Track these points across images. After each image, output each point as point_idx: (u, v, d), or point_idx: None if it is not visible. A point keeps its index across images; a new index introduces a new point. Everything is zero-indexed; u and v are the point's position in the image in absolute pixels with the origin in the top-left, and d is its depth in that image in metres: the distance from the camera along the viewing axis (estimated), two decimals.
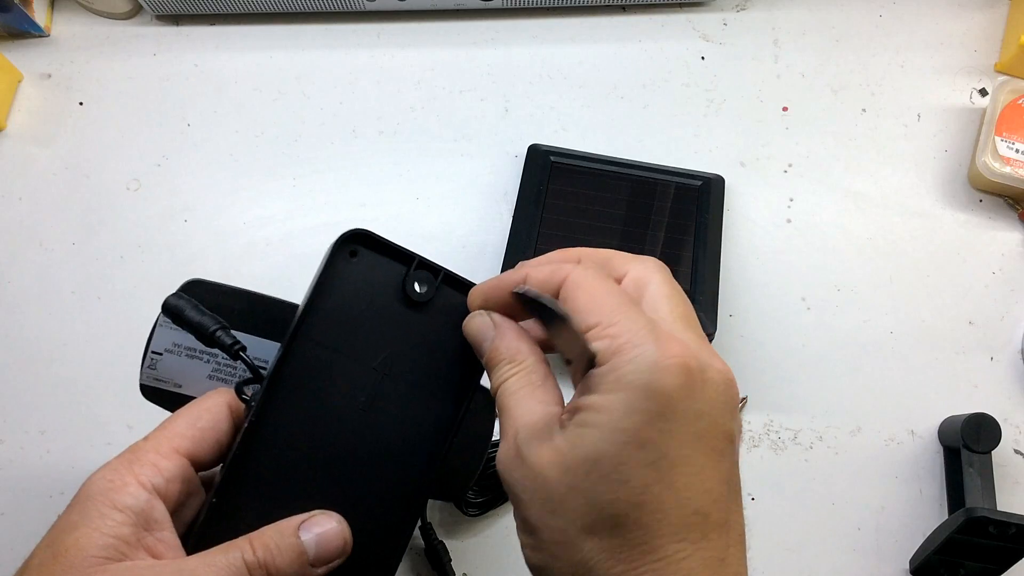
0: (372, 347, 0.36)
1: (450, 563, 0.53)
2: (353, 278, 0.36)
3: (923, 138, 0.66)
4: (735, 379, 0.30)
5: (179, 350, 0.40)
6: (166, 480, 0.32)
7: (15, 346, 0.58)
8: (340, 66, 0.67)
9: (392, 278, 0.36)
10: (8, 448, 0.55)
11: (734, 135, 0.65)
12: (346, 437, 0.35)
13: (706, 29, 0.69)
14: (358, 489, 0.35)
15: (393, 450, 0.36)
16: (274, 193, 0.63)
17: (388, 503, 0.36)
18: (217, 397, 0.35)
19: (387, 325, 0.36)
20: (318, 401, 0.35)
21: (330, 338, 0.35)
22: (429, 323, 0.37)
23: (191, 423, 0.34)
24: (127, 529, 0.30)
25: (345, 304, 0.36)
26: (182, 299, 0.37)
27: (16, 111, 0.64)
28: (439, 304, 0.37)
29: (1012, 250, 0.62)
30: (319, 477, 0.35)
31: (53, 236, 0.61)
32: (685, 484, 0.28)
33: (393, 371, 0.36)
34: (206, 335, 0.36)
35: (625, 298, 0.31)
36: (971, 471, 0.54)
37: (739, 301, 0.60)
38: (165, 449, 0.33)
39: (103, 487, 0.31)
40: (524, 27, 0.69)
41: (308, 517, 0.34)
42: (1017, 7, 0.68)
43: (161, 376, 0.40)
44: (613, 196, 0.59)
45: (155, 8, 0.66)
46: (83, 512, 0.31)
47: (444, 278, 0.37)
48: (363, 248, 0.36)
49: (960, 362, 0.59)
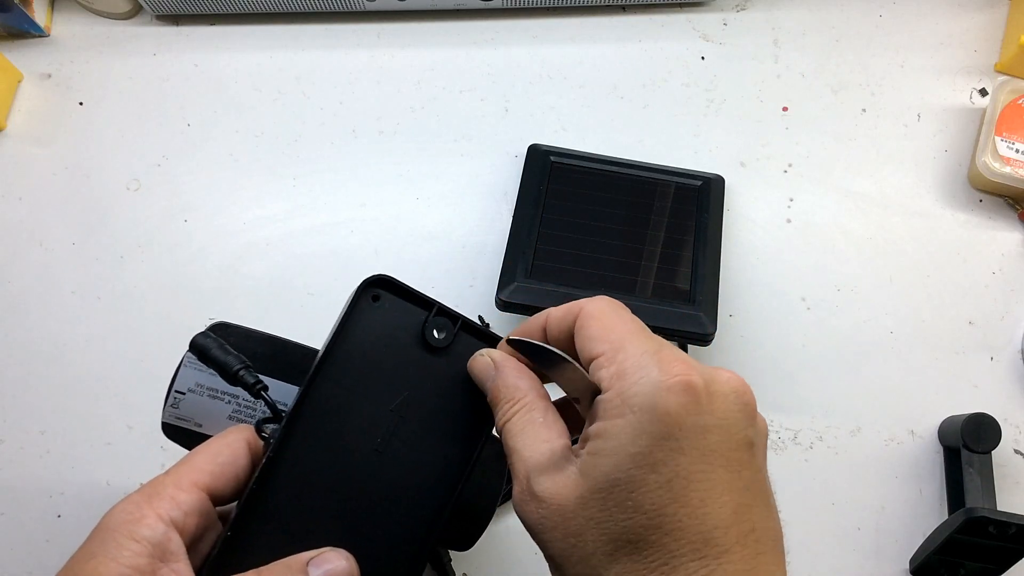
0: (390, 390, 0.37)
1: (450, 563, 0.53)
2: (374, 322, 0.37)
3: (923, 138, 0.66)
4: (746, 385, 0.30)
5: (202, 390, 0.41)
6: (184, 513, 0.33)
7: (15, 346, 0.58)
8: (340, 66, 0.67)
9: (412, 323, 0.38)
10: (8, 448, 0.55)
11: (734, 135, 0.65)
12: (360, 477, 0.36)
13: (706, 29, 0.69)
14: (369, 529, 0.36)
15: (405, 492, 0.37)
16: (274, 193, 0.63)
17: (398, 544, 0.37)
18: (237, 434, 0.36)
19: (405, 369, 0.37)
20: (334, 441, 0.36)
21: (349, 380, 0.36)
22: (446, 368, 0.38)
23: (211, 458, 0.35)
24: (143, 560, 0.31)
25: (365, 347, 0.37)
26: (209, 338, 0.38)
27: (16, 111, 0.64)
28: (456, 350, 0.38)
29: (1012, 250, 0.62)
30: (332, 515, 0.36)
31: (53, 236, 0.61)
32: (701, 500, 0.28)
33: (409, 414, 0.37)
34: (230, 373, 0.37)
35: (635, 325, 0.32)
36: (971, 471, 0.54)
37: (739, 301, 0.60)
38: (185, 483, 0.33)
39: (122, 519, 0.32)
40: (524, 27, 0.69)
41: (318, 554, 0.34)
42: (1017, 7, 0.68)
43: (183, 415, 0.41)
44: (613, 196, 0.59)
45: (155, 8, 0.66)
46: (102, 542, 0.31)
47: (462, 325, 0.38)
48: (385, 293, 0.37)
49: (960, 362, 0.59)
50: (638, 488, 0.28)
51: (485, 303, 0.59)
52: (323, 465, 0.36)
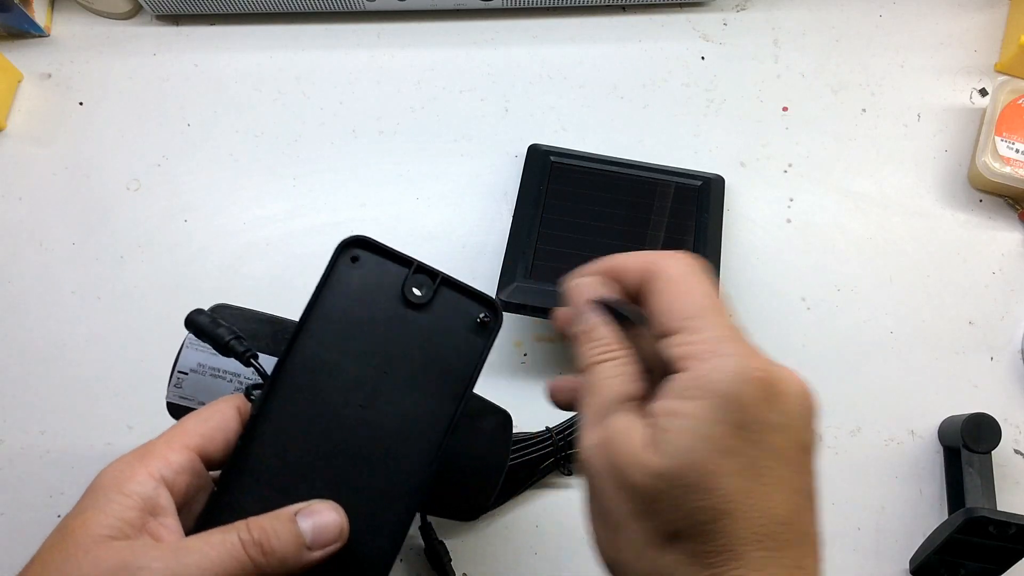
0: (372, 348, 0.38)
1: (450, 563, 0.53)
2: (354, 282, 0.38)
3: (923, 138, 0.66)
4: (811, 389, 0.31)
5: (204, 370, 0.42)
6: (174, 472, 0.34)
7: (15, 346, 0.58)
8: (340, 66, 0.67)
9: (392, 281, 0.38)
10: (8, 448, 0.55)
11: (734, 135, 0.65)
12: (345, 434, 0.37)
13: (706, 29, 0.69)
14: (357, 484, 0.37)
15: (391, 447, 0.38)
16: (274, 193, 0.63)
17: (386, 498, 0.38)
18: (228, 400, 0.37)
19: (387, 327, 0.38)
20: (319, 398, 0.37)
21: (331, 338, 0.37)
22: (428, 324, 0.39)
23: (201, 422, 0.36)
24: (133, 513, 0.32)
25: (346, 306, 0.38)
26: (202, 314, 0.39)
27: (16, 111, 0.64)
28: (437, 306, 0.39)
29: (1012, 250, 0.62)
30: (318, 471, 0.37)
31: (53, 236, 0.61)
32: (768, 494, 0.28)
33: (392, 371, 0.38)
34: (221, 344, 0.38)
35: (712, 300, 0.31)
36: (971, 471, 0.54)
37: (739, 301, 0.60)
38: (175, 444, 0.34)
39: (113, 477, 0.33)
40: (524, 27, 0.69)
41: (306, 505, 0.35)
42: (1017, 7, 0.68)
43: (186, 394, 0.43)
44: (613, 196, 0.59)
45: (155, 8, 0.66)
46: (93, 499, 0.32)
47: (442, 281, 0.39)
48: (364, 252, 0.38)
49: (960, 362, 0.59)
50: (713, 472, 0.28)
51: None
52: (308, 422, 0.36)
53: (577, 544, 0.54)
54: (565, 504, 0.55)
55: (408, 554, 0.54)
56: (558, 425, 0.55)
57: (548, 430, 0.54)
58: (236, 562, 0.32)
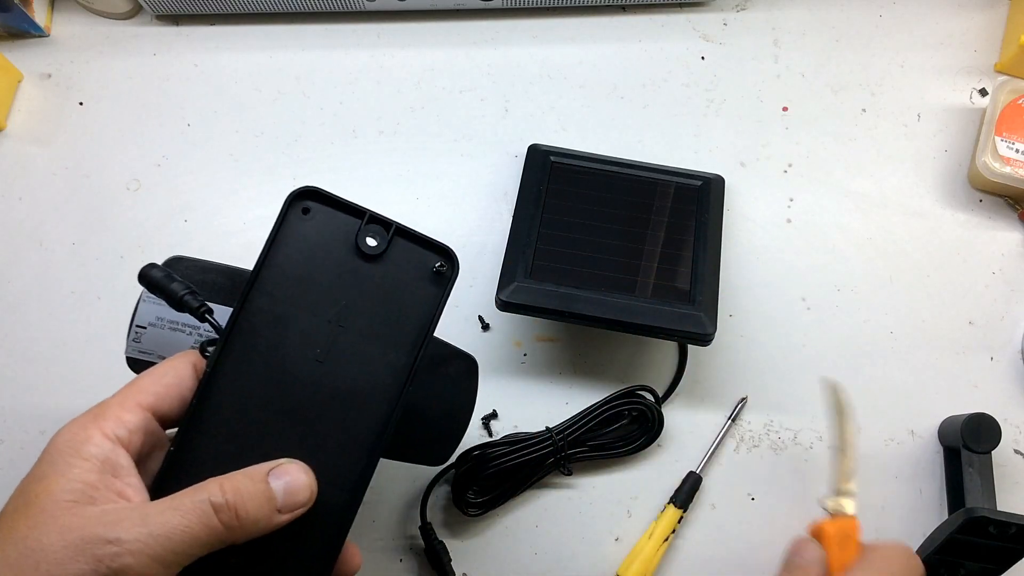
0: (326, 300, 0.37)
1: (450, 563, 0.53)
2: (306, 234, 0.37)
3: (923, 138, 0.66)
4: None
5: (162, 323, 0.42)
6: (129, 431, 0.33)
7: (15, 346, 0.58)
8: (340, 66, 0.67)
9: (345, 233, 0.38)
10: (8, 448, 0.55)
11: (734, 135, 0.65)
12: (303, 387, 0.37)
13: (706, 29, 0.69)
14: (318, 437, 0.37)
15: (351, 399, 0.37)
16: (274, 193, 0.62)
17: (346, 452, 0.37)
18: (182, 357, 0.37)
19: (341, 279, 0.37)
20: (274, 353, 0.36)
21: (284, 292, 0.37)
22: (382, 276, 0.38)
23: (155, 380, 0.35)
24: (93, 476, 0.32)
25: (299, 259, 0.37)
26: (155, 268, 0.38)
27: (16, 111, 0.64)
28: (392, 257, 0.38)
29: (1012, 250, 0.62)
30: (279, 426, 0.36)
31: (53, 236, 0.61)
32: None
33: (348, 323, 0.37)
34: (175, 299, 0.37)
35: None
36: (971, 471, 0.54)
37: (739, 301, 0.60)
38: (129, 403, 0.34)
39: (68, 440, 0.33)
40: (524, 27, 0.69)
41: (277, 465, 0.35)
42: (1017, 7, 0.68)
43: (145, 348, 0.42)
44: (613, 196, 0.59)
45: (155, 8, 0.66)
46: (51, 463, 0.32)
47: (396, 231, 0.38)
48: (316, 204, 0.38)
49: (960, 362, 0.59)
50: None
51: (485, 303, 0.59)
52: (264, 377, 0.36)
53: (577, 544, 0.54)
54: (565, 504, 0.55)
55: (408, 554, 0.54)
56: (558, 425, 0.55)
57: (548, 430, 0.54)
58: (206, 528, 0.32)
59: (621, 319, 0.53)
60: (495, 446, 0.53)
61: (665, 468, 0.56)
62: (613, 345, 0.59)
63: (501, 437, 0.55)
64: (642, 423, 0.55)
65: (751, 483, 0.56)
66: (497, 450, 0.53)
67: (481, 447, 0.53)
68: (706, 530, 0.55)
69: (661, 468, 0.56)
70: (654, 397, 0.56)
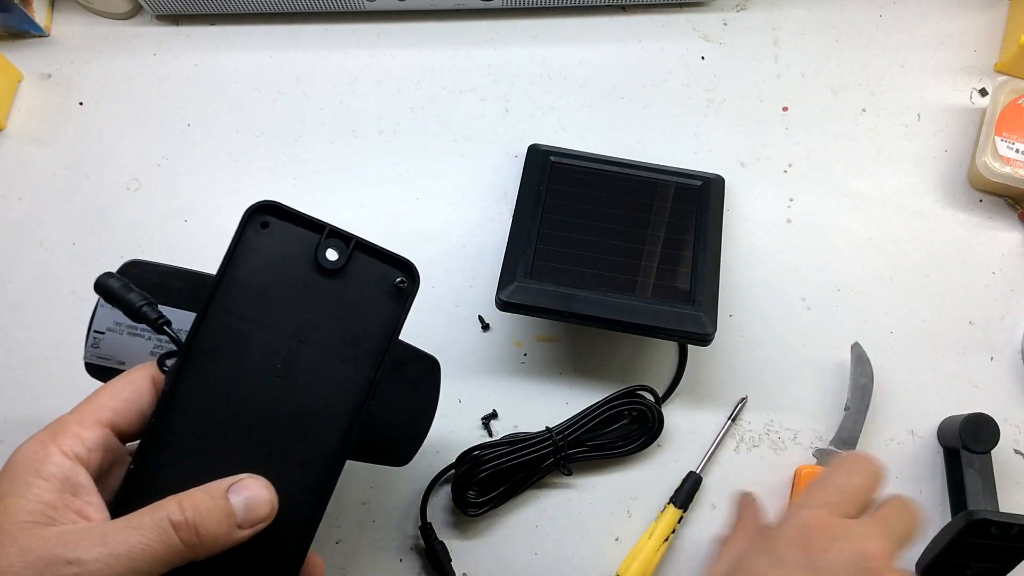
0: (286, 315, 0.37)
1: (450, 563, 0.53)
2: (265, 249, 0.37)
3: (923, 138, 0.66)
4: (875, 550, 0.35)
5: (121, 328, 0.41)
6: (88, 449, 0.33)
7: (15, 346, 0.58)
8: (340, 66, 0.67)
9: (304, 248, 0.37)
10: (8, 448, 0.55)
11: (734, 135, 0.65)
12: (263, 403, 0.36)
13: (706, 29, 0.69)
14: (278, 453, 0.37)
15: (311, 414, 0.37)
16: (274, 193, 0.62)
17: (306, 467, 0.37)
18: (140, 371, 0.37)
19: (301, 294, 0.37)
20: (234, 369, 0.36)
21: (244, 308, 0.36)
22: (342, 290, 0.38)
23: (114, 395, 0.35)
24: (52, 495, 0.32)
25: (258, 274, 0.37)
26: (112, 278, 0.38)
27: (16, 111, 0.64)
28: (352, 271, 0.38)
29: (1012, 250, 0.62)
30: (239, 442, 0.36)
31: (53, 236, 0.61)
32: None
33: (308, 338, 0.37)
34: (132, 310, 0.37)
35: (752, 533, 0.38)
36: (972, 472, 0.54)
37: (739, 301, 0.60)
38: (87, 420, 0.34)
39: (27, 458, 0.32)
40: (524, 27, 0.69)
41: (237, 480, 0.34)
42: (1017, 7, 0.68)
43: (104, 354, 0.41)
44: (613, 196, 0.59)
45: (155, 8, 0.66)
46: (10, 482, 0.32)
47: (356, 245, 0.38)
48: (274, 219, 0.37)
49: (960, 362, 0.59)
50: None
51: (485, 303, 0.59)
52: (224, 393, 0.36)
53: (577, 544, 0.54)
54: (565, 504, 0.55)
55: (408, 554, 0.54)
56: (558, 425, 0.55)
57: (548, 430, 0.54)
58: (166, 546, 0.31)
59: (621, 319, 0.53)
60: (495, 446, 0.53)
61: (665, 468, 0.56)
62: (613, 345, 0.59)
63: (501, 437, 0.55)
64: (642, 423, 0.55)
65: (751, 483, 0.56)
66: (497, 450, 0.53)
67: (481, 447, 0.53)
68: (706, 530, 0.55)
69: (661, 468, 0.56)
70: (654, 397, 0.56)
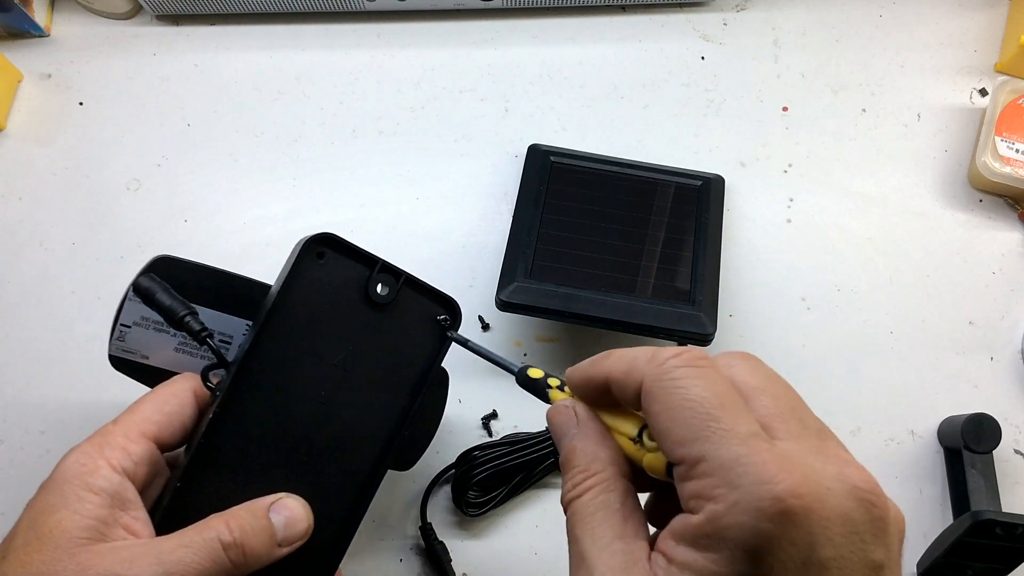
0: (334, 345, 0.38)
1: (450, 563, 0.53)
2: (319, 279, 0.38)
3: (923, 138, 0.66)
4: (869, 483, 0.25)
5: (147, 323, 0.41)
6: (135, 463, 0.34)
7: (15, 346, 0.58)
8: (340, 66, 0.67)
9: (356, 280, 0.38)
10: (8, 448, 0.55)
11: (734, 135, 0.65)
12: (305, 428, 0.37)
13: (706, 29, 0.69)
14: (315, 476, 0.38)
15: (349, 440, 0.39)
16: (274, 193, 0.62)
17: (343, 488, 0.39)
18: (183, 383, 0.37)
19: (349, 324, 0.38)
20: (280, 394, 0.37)
21: (294, 335, 0.37)
22: (388, 323, 0.39)
23: (158, 408, 0.36)
24: (104, 511, 0.32)
25: (310, 303, 0.37)
26: (154, 281, 0.38)
27: (16, 111, 0.64)
28: (399, 304, 0.39)
29: (1012, 250, 0.62)
30: (278, 464, 0.37)
31: (53, 236, 0.61)
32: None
33: (352, 367, 0.38)
34: (175, 320, 0.38)
35: (716, 409, 0.25)
36: (974, 472, 0.54)
37: (739, 301, 0.60)
38: (133, 433, 0.35)
39: (77, 470, 0.33)
40: (524, 27, 0.69)
41: (277, 499, 0.36)
42: (1017, 7, 0.68)
43: (129, 347, 0.42)
44: (613, 196, 0.59)
45: (155, 8, 0.66)
46: (61, 495, 0.32)
47: (405, 281, 0.39)
48: (329, 250, 0.38)
49: (960, 362, 0.59)
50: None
51: (485, 303, 0.59)
52: (269, 417, 0.37)
53: None
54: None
55: (408, 554, 0.54)
56: None
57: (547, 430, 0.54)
58: (216, 565, 0.32)
59: (621, 319, 0.53)
60: (495, 446, 0.53)
61: None
62: (613, 345, 0.59)
63: (501, 437, 0.55)
64: None
65: None
66: (497, 450, 0.53)
67: (481, 447, 0.53)
68: None
69: None
70: None
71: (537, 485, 0.55)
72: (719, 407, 0.25)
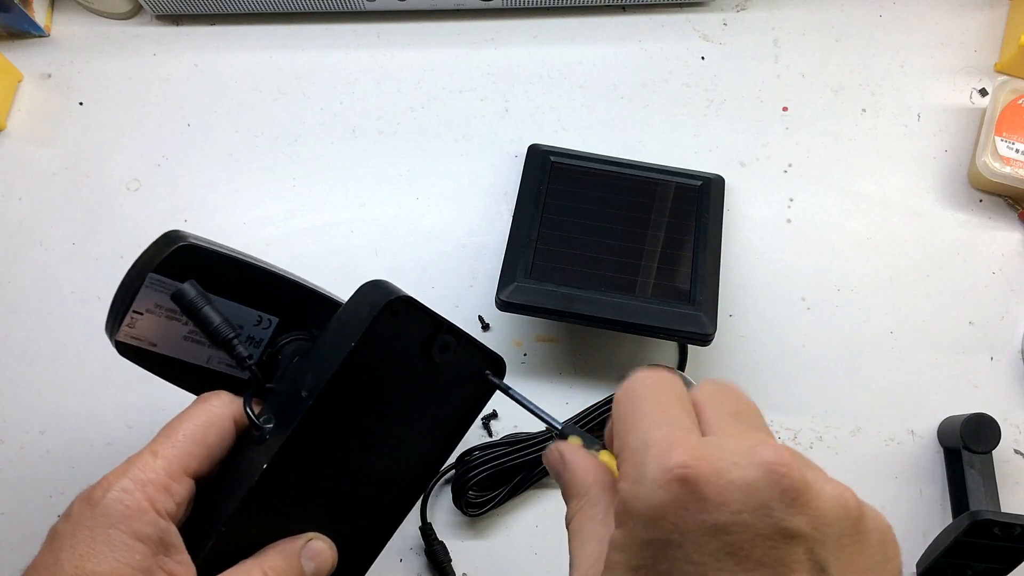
0: (388, 397, 0.38)
1: (450, 563, 0.53)
2: (386, 335, 0.37)
3: (923, 138, 0.66)
4: (784, 457, 0.24)
5: (160, 311, 0.39)
6: (177, 504, 0.33)
7: (15, 346, 0.58)
8: (340, 66, 0.67)
9: (419, 337, 0.38)
10: (8, 448, 0.55)
11: (734, 135, 0.65)
12: (347, 473, 0.38)
13: (706, 29, 0.69)
14: (344, 513, 0.39)
15: (385, 484, 0.40)
16: (274, 193, 0.63)
17: (368, 528, 0.40)
18: (222, 408, 0.36)
19: (406, 377, 0.38)
20: (332, 444, 0.37)
21: (356, 387, 0.37)
22: (440, 378, 0.39)
23: (199, 440, 0.35)
24: (149, 560, 0.32)
25: (376, 358, 0.37)
26: (199, 293, 0.37)
27: (16, 111, 0.64)
28: (452, 361, 0.39)
29: (1012, 250, 0.62)
30: (315, 506, 0.38)
31: (53, 236, 0.61)
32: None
33: (402, 418, 0.39)
34: (219, 340, 0.37)
35: (648, 406, 0.27)
36: (973, 472, 0.54)
37: (739, 301, 0.60)
38: (175, 470, 0.34)
39: (122, 512, 0.32)
40: (524, 27, 0.69)
41: (307, 541, 0.36)
42: (1017, 7, 0.68)
43: (138, 335, 0.40)
44: (613, 196, 0.59)
45: (155, 8, 0.66)
46: (108, 542, 0.31)
47: (465, 342, 0.39)
48: (402, 308, 0.37)
49: (960, 362, 0.59)
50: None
51: (485, 303, 0.59)
52: (318, 466, 0.37)
53: None
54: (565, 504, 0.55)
55: (408, 554, 0.54)
56: None
57: (548, 430, 0.54)
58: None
59: (621, 319, 0.53)
60: (495, 446, 0.53)
61: None
62: (613, 345, 0.59)
63: (501, 437, 0.55)
64: None
65: None
66: (497, 450, 0.53)
67: (481, 447, 0.53)
68: None
69: None
70: None
71: (537, 485, 0.55)
72: (655, 406, 0.27)
